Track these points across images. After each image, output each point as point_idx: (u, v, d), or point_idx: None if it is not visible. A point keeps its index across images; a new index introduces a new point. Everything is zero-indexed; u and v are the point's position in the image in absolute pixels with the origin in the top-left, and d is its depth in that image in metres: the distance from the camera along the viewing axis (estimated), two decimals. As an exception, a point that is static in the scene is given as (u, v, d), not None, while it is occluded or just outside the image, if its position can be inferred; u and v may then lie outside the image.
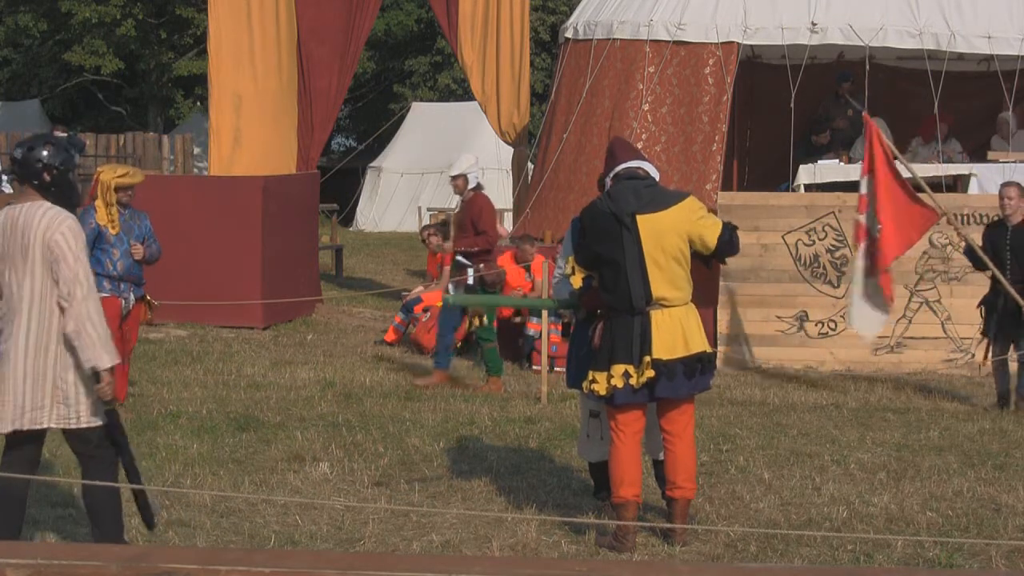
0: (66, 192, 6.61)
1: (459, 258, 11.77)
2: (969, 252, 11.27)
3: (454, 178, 11.79)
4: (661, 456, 7.77)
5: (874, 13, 14.00)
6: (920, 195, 10.92)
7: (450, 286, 11.81)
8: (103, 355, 6.37)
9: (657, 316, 7.24)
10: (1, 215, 6.58)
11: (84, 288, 6.36)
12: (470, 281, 11.68)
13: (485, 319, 11.90)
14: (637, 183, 7.37)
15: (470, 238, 11.65)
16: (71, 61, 35.01)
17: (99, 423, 6.57)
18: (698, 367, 7.31)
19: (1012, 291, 10.90)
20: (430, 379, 12.01)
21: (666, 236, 7.23)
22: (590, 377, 7.36)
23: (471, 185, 11.71)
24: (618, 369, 7.22)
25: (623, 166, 7.43)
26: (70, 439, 6.64)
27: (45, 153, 6.53)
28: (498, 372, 11.98)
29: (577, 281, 7.45)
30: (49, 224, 6.38)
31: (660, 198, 7.37)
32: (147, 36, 34.64)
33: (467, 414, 10.82)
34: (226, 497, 8.15)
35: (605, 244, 7.29)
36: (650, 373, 7.19)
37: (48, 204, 6.48)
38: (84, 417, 6.51)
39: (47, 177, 6.52)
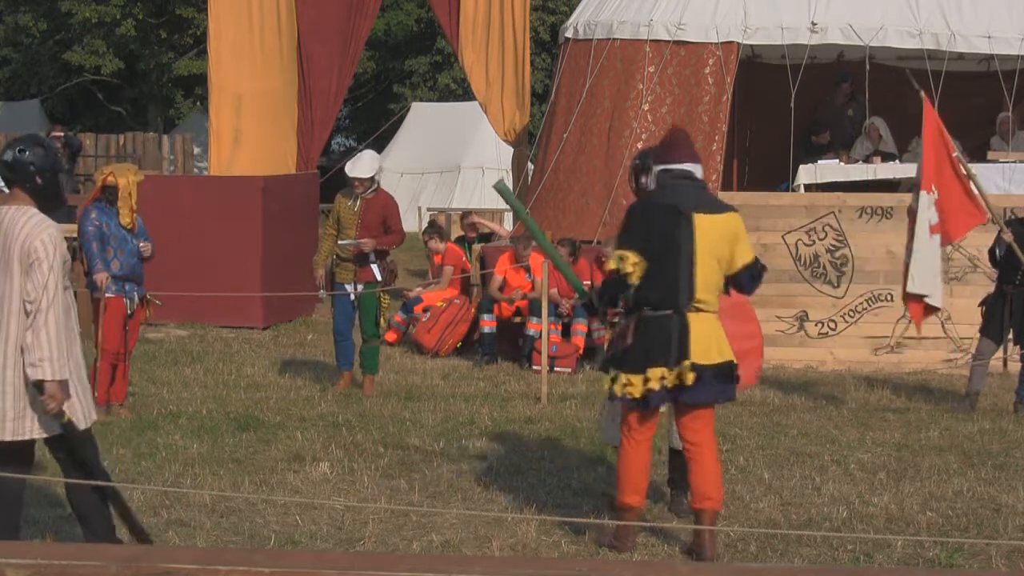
0: (55, 194, 6.58)
1: (371, 255, 11.59)
2: (1007, 253, 11.14)
3: (362, 180, 11.58)
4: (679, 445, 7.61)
5: (874, 13, 13.99)
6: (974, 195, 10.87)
7: (359, 285, 11.62)
8: (46, 368, 6.23)
9: (693, 318, 7.07)
10: None
11: (49, 297, 6.27)
12: (378, 277, 11.60)
13: (384, 318, 11.84)
14: (690, 183, 7.24)
15: (384, 237, 11.56)
16: (71, 61, 35.02)
17: (82, 428, 6.53)
18: (727, 375, 7.15)
19: None
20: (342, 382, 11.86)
21: (717, 240, 7.11)
22: (623, 380, 7.09)
23: (373, 186, 11.63)
24: (655, 372, 7.00)
25: (681, 166, 7.23)
26: (50, 444, 6.58)
27: (36, 156, 6.48)
28: (373, 371, 11.72)
29: (636, 277, 7.08)
30: (31, 231, 6.32)
31: (714, 202, 7.32)
32: (147, 36, 34.64)
33: (467, 414, 10.83)
34: (226, 497, 8.15)
35: (658, 238, 7.07)
36: (691, 376, 6.99)
37: (34, 211, 6.42)
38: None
39: (39, 180, 6.47)
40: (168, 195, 14.90)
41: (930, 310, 10.85)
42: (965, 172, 10.77)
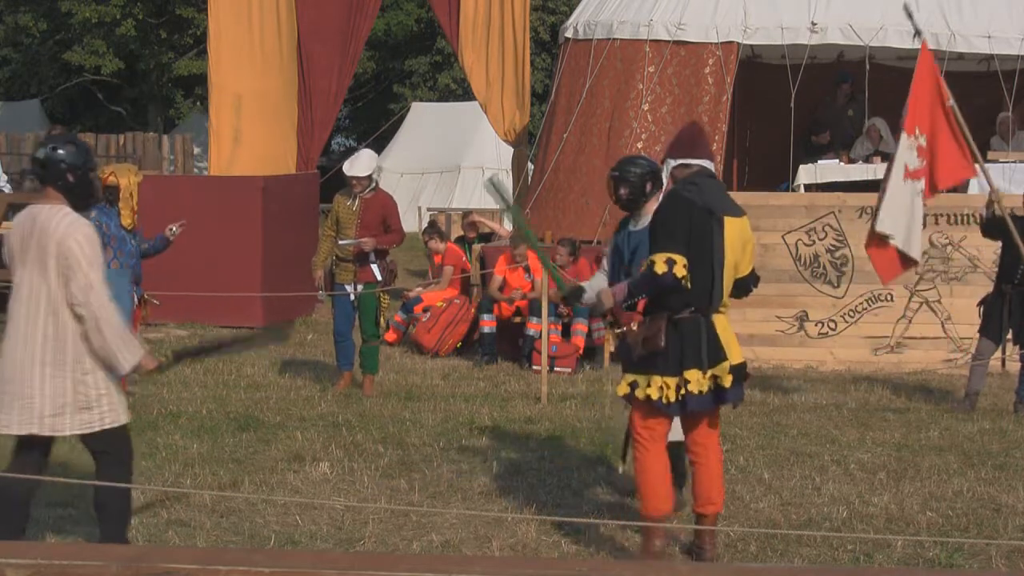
0: (87, 192, 6.63)
1: (370, 255, 11.57)
2: (990, 223, 11.06)
3: (359, 179, 11.57)
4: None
5: (874, 13, 13.99)
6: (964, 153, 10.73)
7: (359, 286, 11.60)
8: (124, 359, 6.37)
9: (716, 320, 6.95)
10: (22, 214, 6.57)
11: (99, 294, 6.34)
12: (378, 277, 11.59)
13: (384, 318, 11.83)
14: (716, 183, 7.11)
15: (383, 236, 11.55)
16: (71, 61, 35.02)
17: (119, 423, 6.58)
18: (743, 375, 7.07)
19: None
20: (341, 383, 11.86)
21: (739, 243, 7.00)
22: (658, 383, 6.85)
23: (371, 185, 11.62)
24: (694, 375, 6.82)
25: (704, 163, 7.08)
26: (86, 438, 6.62)
27: (68, 153, 6.52)
28: (373, 371, 11.70)
29: (688, 282, 6.80)
30: (66, 231, 6.35)
31: (735, 204, 7.13)
32: (147, 36, 34.65)
33: (467, 414, 10.83)
34: (226, 497, 8.16)
35: (696, 241, 6.85)
36: (729, 379, 6.88)
37: (67, 210, 6.46)
38: (107, 419, 6.51)
39: (71, 178, 6.51)
40: (168, 195, 14.89)
41: (907, 263, 10.67)
42: (959, 123, 10.64)
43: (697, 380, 6.83)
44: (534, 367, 12.72)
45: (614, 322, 7.26)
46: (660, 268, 6.76)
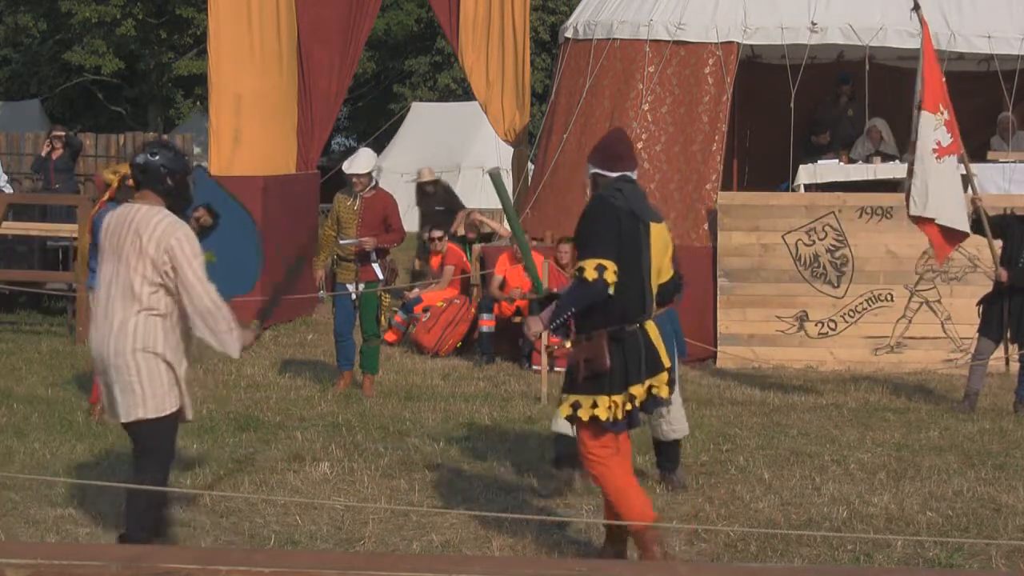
0: (184, 195, 6.95)
1: (372, 253, 11.58)
2: (975, 224, 11.14)
3: (359, 176, 11.61)
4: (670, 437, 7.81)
5: (874, 13, 13.99)
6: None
7: (360, 285, 11.62)
8: (232, 345, 6.74)
9: (648, 328, 6.77)
10: (116, 212, 6.88)
11: (204, 288, 6.70)
12: (380, 275, 11.60)
13: (385, 317, 11.84)
14: (638, 188, 6.93)
15: (384, 235, 11.56)
16: (71, 61, 35.04)
17: (168, 412, 6.77)
18: (671, 383, 6.91)
19: (996, 260, 10.99)
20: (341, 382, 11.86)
21: (661, 249, 6.84)
22: (606, 403, 6.57)
23: (372, 183, 11.65)
24: (638, 390, 6.63)
25: (631, 173, 6.90)
26: (135, 428, 6.80)
27: (166, 158, 6.84)
28: (373, 371, 11.71)
29: (614, 289, 6.56)
30: (165, 230, 6.64)
31: (655, 210, 6.98)
32: (147, 36, 34.65)
33: (467, 414, 10.83)
34: (226, 497, 8.16)
35: (628, 246, 6.64)
36: (665, 390, 6.72)
37: (165, 211, 6.75)
38: (184, 405, 6.82)
39: (170, 181, 6.84)
40: (168, 195, 14.87)
41: (957, 236, 10.78)
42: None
43: (640, 394, 6.62)
44: (534, 367, 12.72)
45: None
46: (590, 275, 6.46)
